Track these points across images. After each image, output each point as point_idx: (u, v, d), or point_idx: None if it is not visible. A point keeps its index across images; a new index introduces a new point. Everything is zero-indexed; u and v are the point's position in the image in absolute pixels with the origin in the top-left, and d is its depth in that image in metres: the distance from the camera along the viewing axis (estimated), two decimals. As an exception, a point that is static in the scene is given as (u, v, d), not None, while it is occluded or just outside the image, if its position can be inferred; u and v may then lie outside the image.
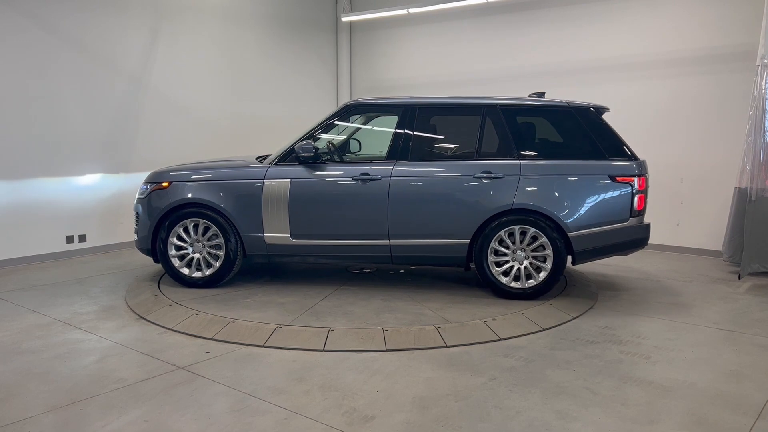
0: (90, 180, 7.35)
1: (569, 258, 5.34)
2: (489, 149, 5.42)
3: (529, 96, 5.65)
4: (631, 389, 3.71)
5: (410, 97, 5.71)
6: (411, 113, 5.57)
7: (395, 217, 5.38)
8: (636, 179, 5.19)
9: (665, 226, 7.66)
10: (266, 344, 4.38)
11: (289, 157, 5.58)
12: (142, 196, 5.76)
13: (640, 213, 5.29)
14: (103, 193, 7.49)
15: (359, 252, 5.57)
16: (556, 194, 5.20)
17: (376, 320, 4.80)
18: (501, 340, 4.52)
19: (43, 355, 4.19)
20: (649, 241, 5.58)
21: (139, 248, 5.85)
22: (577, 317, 5.07)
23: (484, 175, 5.27)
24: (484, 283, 5.41)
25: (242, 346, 4.38)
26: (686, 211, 7.62)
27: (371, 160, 5.61)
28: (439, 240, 5.38)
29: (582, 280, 6.10)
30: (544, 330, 4.74)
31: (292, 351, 4.29)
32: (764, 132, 6.28)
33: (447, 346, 4.38)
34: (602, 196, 5.21)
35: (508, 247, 5.29)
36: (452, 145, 5.69)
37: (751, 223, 6.30)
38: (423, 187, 5.38)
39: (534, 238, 5.24)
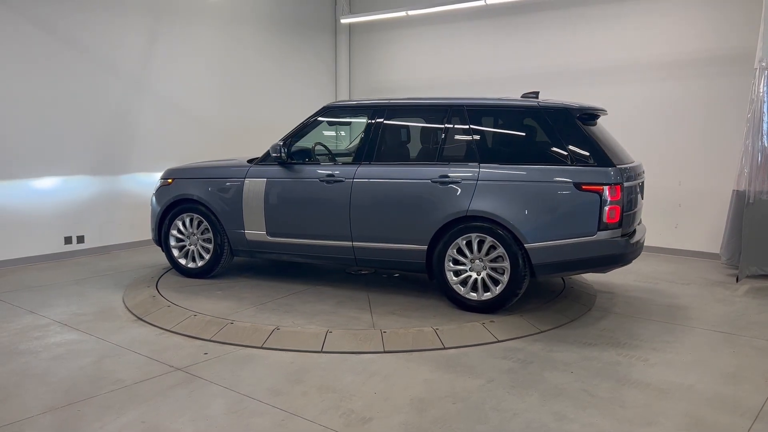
0: (88, 181, 7.34)
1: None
2: (450, 152, 5.23)
3: (522, 96, 5.40)
4: (628, 391, 3.71)
5: (382, 99, 5.68)
6: (378, 115, 5.51)
7: (357, 220, 5.34)
8: (607, 188, 4.61)
9: (663, 228, 7.67)
10: (264, 345, 4.38)
11: (269, 157, 5.75)
12: (155, 191, 6.29)
13: (613, 226, 4.67)
14: (101, 193, 7.48)
15: (326, 253, 5.60)
16: (514, 202, 4.83)
17: (308, 320, 4.84)
18: (499, 342, 4.53)
19: (40, 356, 4.19)
20: (647, 244, 5.52)
21: (152, 239, 6.34)
22: (574, 319, 5.08)
23: (441, 179, 5.05)
24: (442, 291, 5.20)
25: (240, 347, 4.38)
26: (684, 214, 7.63)
27: (340, 162, 5.74)
28: (398, 245, 5.23)
29: (580, 283, 6.10)
30: (541, 332, 4.74)
31: (290, 352, 4.29)
32: (762, 135, 6.29)
33: (445, 348, 4.38)
34: (565, 206, 4.73)
35: (466, 256, 5.03)
36: (416, 148, 5.60)
37: (748, 226, 6.30)
38: (382, 189, 5.27)
39: (493, 248, 4.92)
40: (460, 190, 4.99)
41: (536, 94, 5.40)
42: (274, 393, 3.65)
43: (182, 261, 6.12)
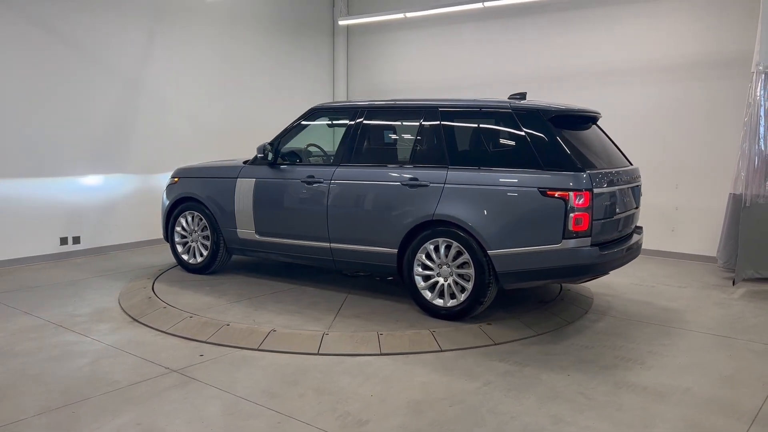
0: (85, 181, 7.32)
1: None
2: (423, 154, 5.20)
3: (509, 97, 5.13)
4: (625, 394, 3.71)
5: (364, 101, 5.70)
6: (358, 116, 5.51)
7: (333, 221, 5.38)
8: (573, 194, 4.36)
9: (660, 231, 7.67)
10: (260, 347, 4.36)
11: (258, 158, 5.88)
12: (165, 189, 6.56)
13: (581, 235, 4.41)
14: (97, 194, 7.45)
15: (307, 253, 5.65)
16: (477, 207, 4.70)
17: (269, 319, 4.90)
18: (496, 344, 4.52)
19: (36, 357, 4.17)
20: (644, 247, 5.50)
21: (162, 235, 6.62)
22: (571, 322, 5.07)
23: (411, 182, 5.00)
24: (411, 296, 5.11)
25: (236, 349, 4.36)
26: (681, 217, 7.63)
27: (322, 163, 5.84)
28: (371, 247, 5.22)
29: (576, 286, 6.10)
30: (538, 335, 4.74)
31: (286, 354, 4.28)
32: (759, 138, 6.30)
33: (442, 351, 4.37)
34: (529, 212, 4.54)
35: (434, 261, 4.94)
36: (391, 149, 5.62)
37: (745, 229, 6.31)
38: (356, 191, 5.30)
39: (460, 254, 4.80)
40: (428, 193, 4.92)
41: (523, 95, 5.22)
42: (270, 395, 3.63)
43: (185, 257, 6.40)
